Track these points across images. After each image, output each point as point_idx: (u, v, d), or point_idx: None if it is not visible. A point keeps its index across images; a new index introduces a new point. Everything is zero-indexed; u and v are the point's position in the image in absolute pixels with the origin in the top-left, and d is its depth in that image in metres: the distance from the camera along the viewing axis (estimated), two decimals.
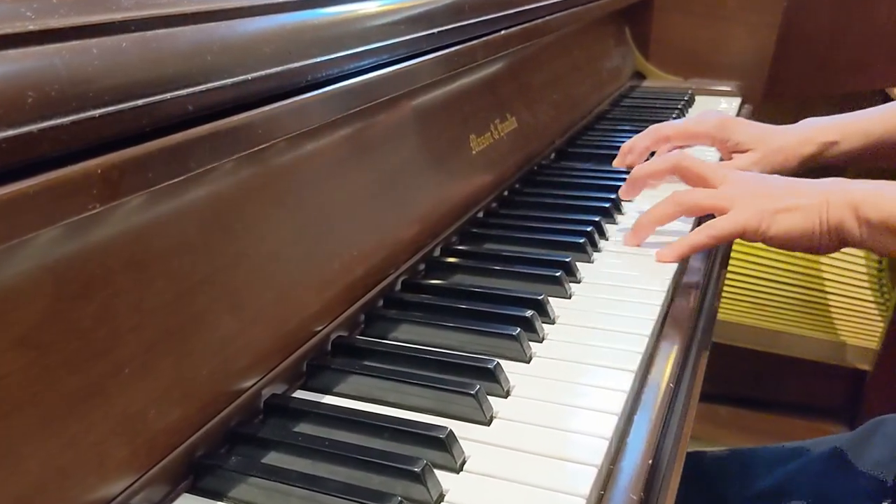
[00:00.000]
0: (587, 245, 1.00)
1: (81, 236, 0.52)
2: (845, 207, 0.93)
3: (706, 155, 1.32)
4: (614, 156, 1.32)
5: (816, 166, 1.25)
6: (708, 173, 1.05)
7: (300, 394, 0.73)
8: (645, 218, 1.04)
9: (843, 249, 0.96)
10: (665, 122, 1.30)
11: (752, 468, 1.15)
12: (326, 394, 0.73)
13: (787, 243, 0.97)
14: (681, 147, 1.32)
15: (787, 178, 1.04)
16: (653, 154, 1.32)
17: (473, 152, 1.09)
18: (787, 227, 0.95)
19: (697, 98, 1.86)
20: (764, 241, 0.98)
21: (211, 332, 0.63)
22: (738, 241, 1.00)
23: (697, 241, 0.98)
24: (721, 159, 1.29)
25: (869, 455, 1.08)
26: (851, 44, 1.99)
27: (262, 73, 0.63)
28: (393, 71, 0.82)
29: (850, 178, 0.97)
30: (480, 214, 1.11)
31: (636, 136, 1.31)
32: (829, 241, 0.95)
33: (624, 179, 1.20)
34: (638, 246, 1.04)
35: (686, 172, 1.07)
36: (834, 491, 1.06)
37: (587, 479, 0.60)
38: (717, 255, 1.12)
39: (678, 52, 2.03)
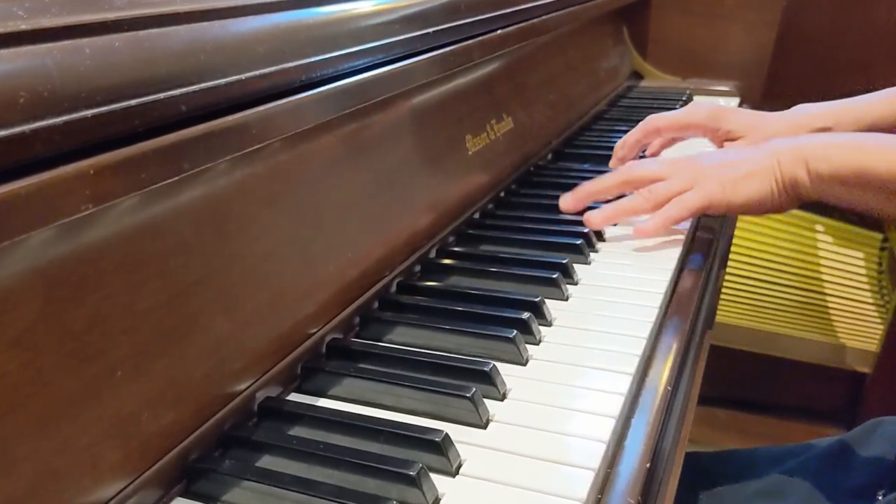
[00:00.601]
0: (584, 247, 1.00)
1: (74, 237, 0.52)
2: (796, 163, 0.98)
3: (701, 146, 1.32)
4: (611, 157, 1.32)
5: None
6: (659, 172, 1.07)
7: (294, 396, 0.73)
8: (588, 187, 1.11)
9: (841, 251, 0.97)
10: (657, 115, 1.30)
11: (749, 467, 1.15)
12: (321, 397, 0.73)
13: (751, 208, 1.03)
14: (673, 139, 1.32)
15: (736, 148, 1.12)
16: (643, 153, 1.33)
17: (469, 153, 1.09)
18: (749, 193, 1.01)
19: (696, 98, 1.85)
20: (729, 211, 1.05)
21: (205, 334, 0.63)
22: (736, 241, 1.01)
23: (669, 214, 1.03)
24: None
25: (866, 454, 1.08)
26: (851, 43, 1.99)
27: (256, 72, 0.63)
28: (388, 71, 0.82)
29: None
30: (476, 215, 1.11)
31: (629, 132, 1.31)
32: (787, 198, 1.00)
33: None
34: (568, 211, 1.11)
35: (638, 182, 1.08)
36: (830, 488, 1.07)
37: (584, 483, 0.60)
38: (716, 255, 1.12)
39: (676, 51, 2.03)
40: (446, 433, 0.63)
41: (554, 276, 0.90)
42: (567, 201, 1.12)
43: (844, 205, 1.00)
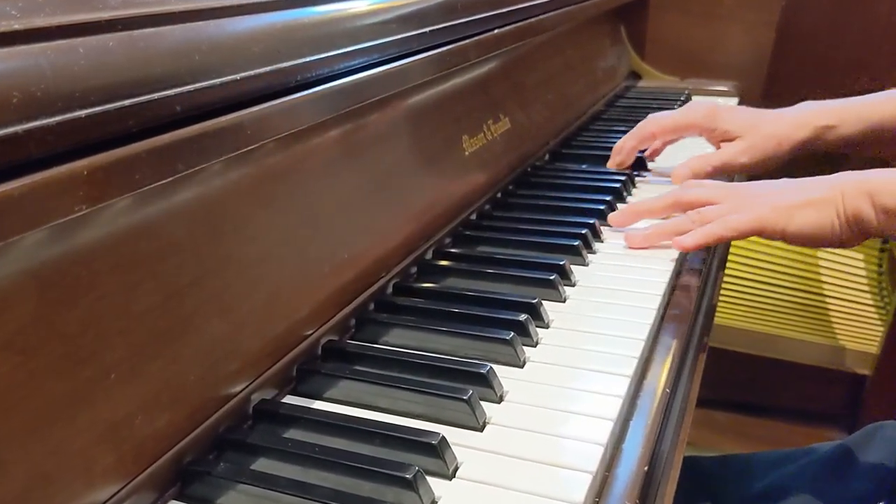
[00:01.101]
0: (582, 248, 1.00)
1: (68, 238, 0.52)
2: (861, 197, 0.93)
3: (703, 146, 1.32)
4: (609, 157, 1.32)
5: (812, 153, 1.24)
6: (712, 196, 1.04)
7: (290, 399, 0.73)
8: (638, 206, 1.08)
9: (841, 252, 0.97)
10: (651, 117, 1.30)
11: (749, 472, 1.15)
12: (316, 399, 0.73)
13: (808, 239, 0.97)
14: (670, 141, 1.32)
15: (794, 179, 1.03)
16: (643, 152, 1.33)
17: (466, 153, 1.09)
18: (806, 223, 0.95)
19: (694, 98, 1.85)
20: (784, 239, 0.98)
21: (199, 335, 0.63)
22: (734, 241, 1.00)
23: (713, 230, 0.99)
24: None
25: (866, 459, 1.08)
26: (852, 42, 2.00)
27: (251, 72, 0.63)
28: (384, 71, 0.82)
29: (850, 168, 0.98)
30: (473, 216, 1.11)
31: (625, 136, 1.32)
32: (850, 232, 0.95)
33: (619, 181, 1.21)
34: (617, 227, 1.09)
35: (688, 206, 1.05)
36: (830, 494, 1.07)
37: (582, 486, 0.61)
38: (715, 256, 1.12)
39: (674, 51, 2.04)
40: (443, 436, 0.63)
41: (551, 277, 0.90)
42: (616, 219, 1.11)
43: None
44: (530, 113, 1.33)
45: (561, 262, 0.94)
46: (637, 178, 1.31)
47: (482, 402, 0.69)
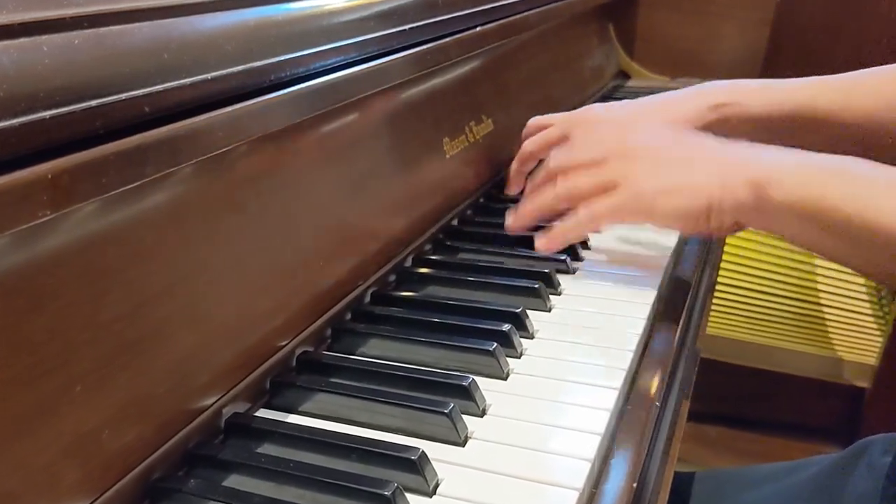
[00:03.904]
0: (568, 255, 1.00)
1: (31, 245, 0.53)
2: (744, 186, 0.87)
3: None
4: None
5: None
6: (576, 159, 0.99)
7: (263, 413, 0.73)
8: (526, 206, 1.04)
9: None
10: (529, 139, 1.18)
11: (741, 488, 1.15)
12: (291, 413, 0.73)
13: (673, 226, 0.96)
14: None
15: (686, 138, 0.98)
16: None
17: (447, 156, 1.09)
18: (671, 210, 0.91)
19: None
20: (651, 223, 0.96)
21: (169, 346, 0.63)
22: (728, 249, 0.99)
23: (576, 229, 0.98)
24: None
25: (853, 487, 1.06)
26: (848, 40, 2.01)
27: (223, 72, 0.64)
28: (362, 70, 0.83)
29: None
30: (455, 222, 1.11)
31: (511, 167, 1.23)
32: (721, 223, 0.90)
33: None
34: (515, 232, 1.05)
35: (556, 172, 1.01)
36: None
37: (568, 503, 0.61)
38: (707, 263, 1.13)
39: (665, 50, 2.04)
40: (423, 451, 0.63)
41: (536, 286, 0.91)
42: (510, 223, 1.06)
43: (794, 243, 0.90)
44: (514, 114, 1.34)
45: (546, 270, 0.94)
46: None
47: (464, 416, 0.70)
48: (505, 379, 0.77)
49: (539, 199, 1.02)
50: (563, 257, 1.00)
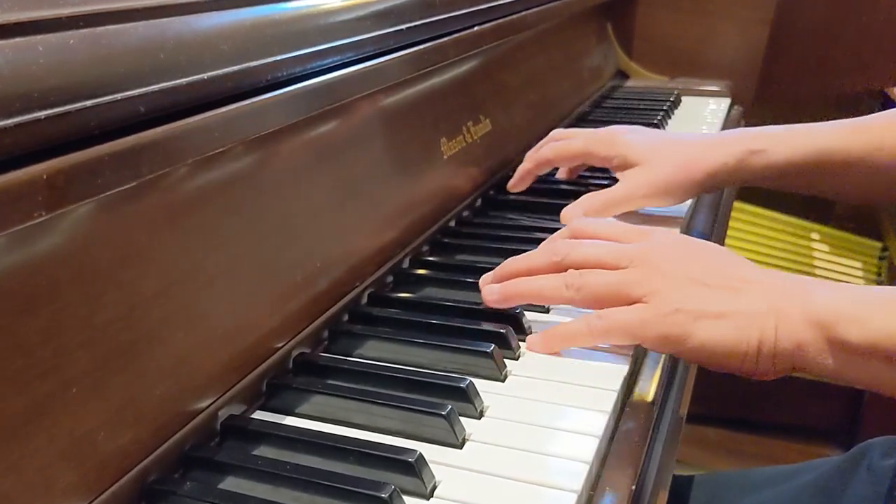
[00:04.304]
0: None
1: (26, 246, 0.53)
2: (806, 324, 0.73)
3: None
4: None
5: (733, 185, 1.20)
6: (605, 257, 0.82)
7: (259, 415, 0.73)
8: (519, 286, 0.85)
9: (838, 260, 0.91)
10: (551, 137, 1.19)
11: (741, 491, 1.15)
12: (288, 415, 0.73)
13: (705, 360, 0.77)
14: (577, 168, 1.27)
15: (722, 252, 0.84)
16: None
17: (445, 157, 1.09)
18: (707, 338, 0.74)
19: (684, 99, 1.86)
20: (681, 356, 0.82)
21: (165, 348, 0.63)
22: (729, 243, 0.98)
23: (580, 339, 0.81)
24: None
25: (854, 491, 1.06)
26: (848, 41, 2.01)
27: (219, 72, 0.64)
28: (359, 70, 0.83)
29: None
30: (452, 223, 1.11)
31: (522, 163, 1.21)
32: (773, 365, 0.74)
33: (604, 185, 1.21)
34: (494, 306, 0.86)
35: (571, 265, 0.83)
36: None
37: None
38: None
39: (664, 50, 2.04)
40: (420, 453, 0.63)
41: None
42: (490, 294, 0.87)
43: (870, 387, 0.74)
44: (512, 114, 1.34)
45: None
46: None
47: (462, 418, 0.70)
48: (503, 381, 0.77)
49: (538, 283, 0.84)
50: None
